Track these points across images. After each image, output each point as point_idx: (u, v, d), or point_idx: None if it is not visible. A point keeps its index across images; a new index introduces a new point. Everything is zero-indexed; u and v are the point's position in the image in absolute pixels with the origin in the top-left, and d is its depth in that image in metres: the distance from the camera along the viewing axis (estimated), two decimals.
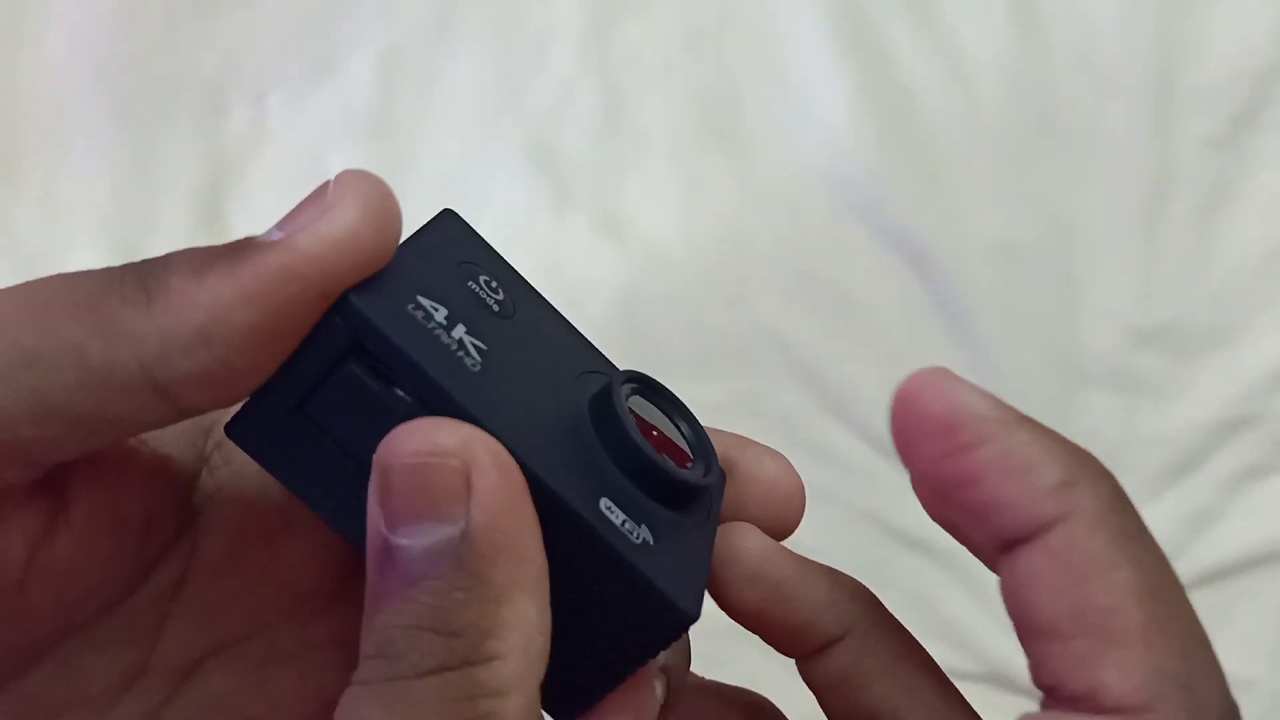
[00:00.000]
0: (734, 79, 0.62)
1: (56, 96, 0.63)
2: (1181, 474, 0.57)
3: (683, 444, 0.21)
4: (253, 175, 0.62)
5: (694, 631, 0.20)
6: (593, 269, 0.60)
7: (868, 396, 0.58)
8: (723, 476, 0.22)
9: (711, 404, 0.59)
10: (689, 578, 0.19)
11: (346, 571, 0.23)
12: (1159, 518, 0.57)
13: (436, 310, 0.18)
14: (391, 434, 0.17)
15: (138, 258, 0.19)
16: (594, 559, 0.18)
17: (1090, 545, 0.18)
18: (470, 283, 0.20)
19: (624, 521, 0.18)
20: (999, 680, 0.55)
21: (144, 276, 0.18)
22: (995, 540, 0.19)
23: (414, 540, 0.17)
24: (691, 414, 0.22)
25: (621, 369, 0.21)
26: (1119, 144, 0.60)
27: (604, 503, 0.18)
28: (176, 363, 0.17)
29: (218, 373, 0.18)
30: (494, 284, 0.20)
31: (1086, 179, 0.60)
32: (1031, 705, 0.64)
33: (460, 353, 0.18)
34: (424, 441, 0.17)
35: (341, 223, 0.17)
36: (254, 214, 0.62)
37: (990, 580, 0.54)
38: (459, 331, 0.18)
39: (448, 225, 0.21)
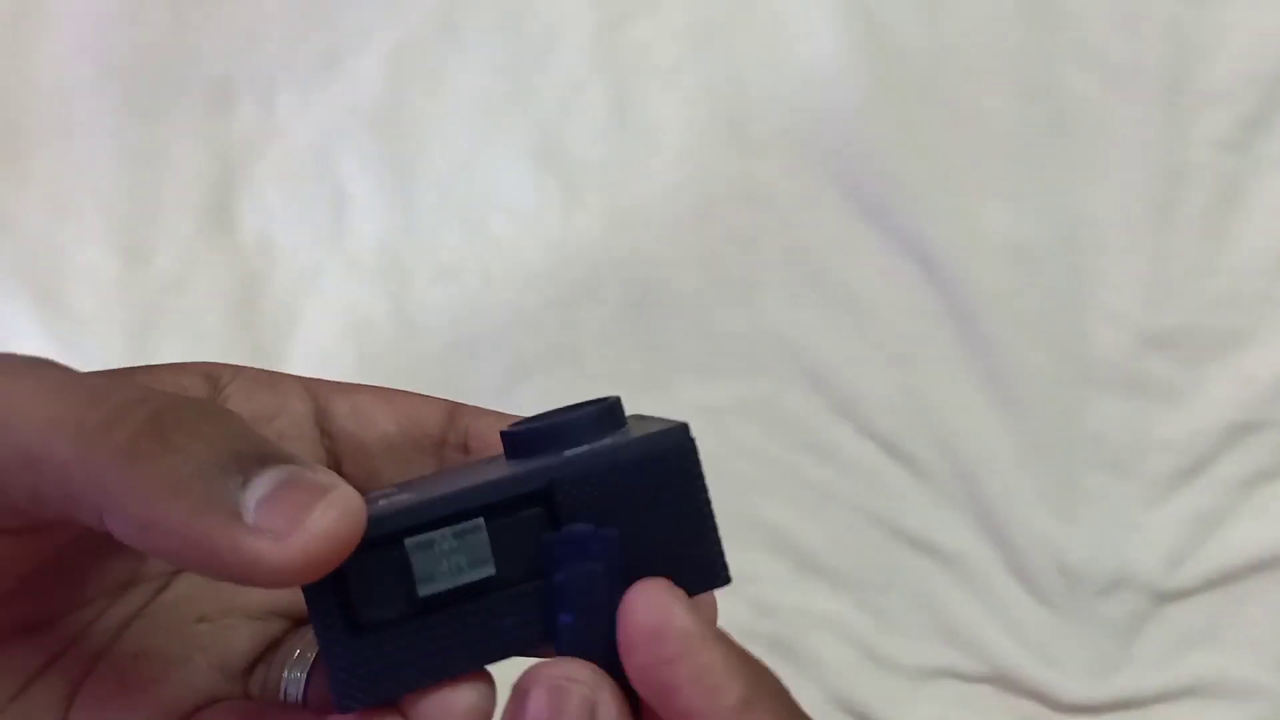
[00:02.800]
0: (744, 77, 0.62)
1: (63, 90, 0.63)
2: (1190, 478, 0.57)
3: None
4: (260, 171, 0.62)
5: None
6: (601, 268, 0.60)
7: (876, 399, 0.58)
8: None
9: (719, 406, 0.59)
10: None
11: None
12: (1167, 521, 0.57)
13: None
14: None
15: (144, 253, 0.20)
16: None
17: None
18: None
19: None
20: (1004, 682, 0.55)
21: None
22: None
23: None
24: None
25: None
26: (1129, 145, 0.60)
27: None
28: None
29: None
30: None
31: (1097, 181, 0.60)
32: (1035, 708, 0.64)
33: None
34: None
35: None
36: (261, 210, 0.62)
37: (996, 583, 0.54)
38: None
39: None
